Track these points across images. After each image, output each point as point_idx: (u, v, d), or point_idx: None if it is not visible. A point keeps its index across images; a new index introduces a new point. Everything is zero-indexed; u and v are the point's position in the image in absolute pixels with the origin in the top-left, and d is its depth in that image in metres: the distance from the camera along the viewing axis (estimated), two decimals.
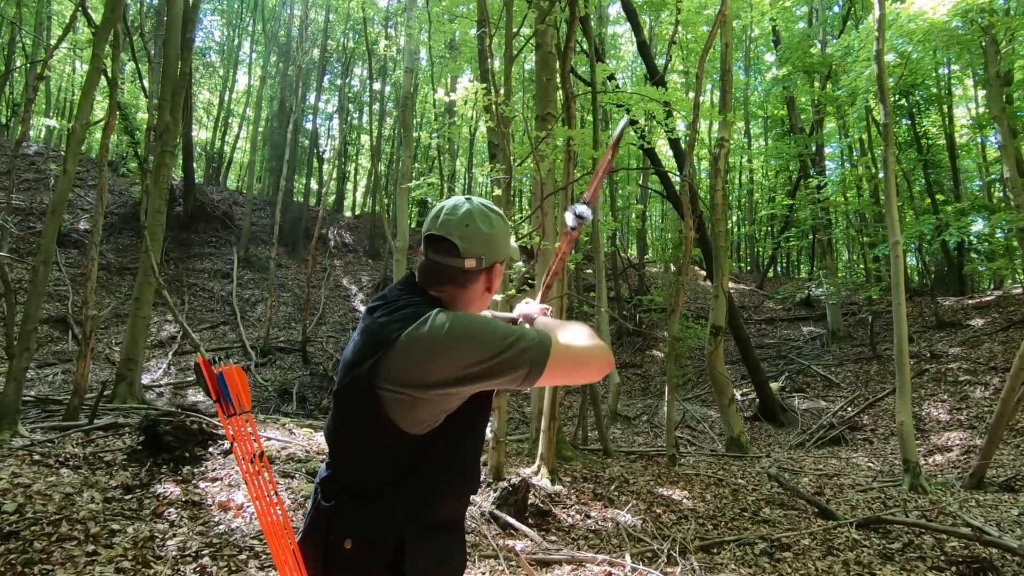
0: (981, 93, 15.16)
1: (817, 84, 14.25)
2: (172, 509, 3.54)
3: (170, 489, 3.82)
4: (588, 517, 4.42)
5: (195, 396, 9.99)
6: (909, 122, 15.61)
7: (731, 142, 9.80)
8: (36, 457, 4.16)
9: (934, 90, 15.35)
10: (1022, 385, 5.66)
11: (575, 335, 1.17)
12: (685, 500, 5.11)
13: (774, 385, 10.89)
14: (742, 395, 11.00)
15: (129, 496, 3.68)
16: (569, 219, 1.48)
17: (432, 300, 1.16)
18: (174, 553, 2.99)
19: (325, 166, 23.35)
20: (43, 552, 2.82)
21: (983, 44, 10.75)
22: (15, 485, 3.52)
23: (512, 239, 1.30)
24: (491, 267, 1.20)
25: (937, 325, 11.90)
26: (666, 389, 7.03)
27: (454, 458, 1.13)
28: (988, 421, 6.90)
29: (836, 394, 10.62)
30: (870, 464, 7.46)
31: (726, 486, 5.68)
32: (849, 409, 9.76)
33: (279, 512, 1.22)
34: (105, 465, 4.19)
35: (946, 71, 15.59)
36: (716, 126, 13.89)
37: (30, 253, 12.05)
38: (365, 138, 24.19)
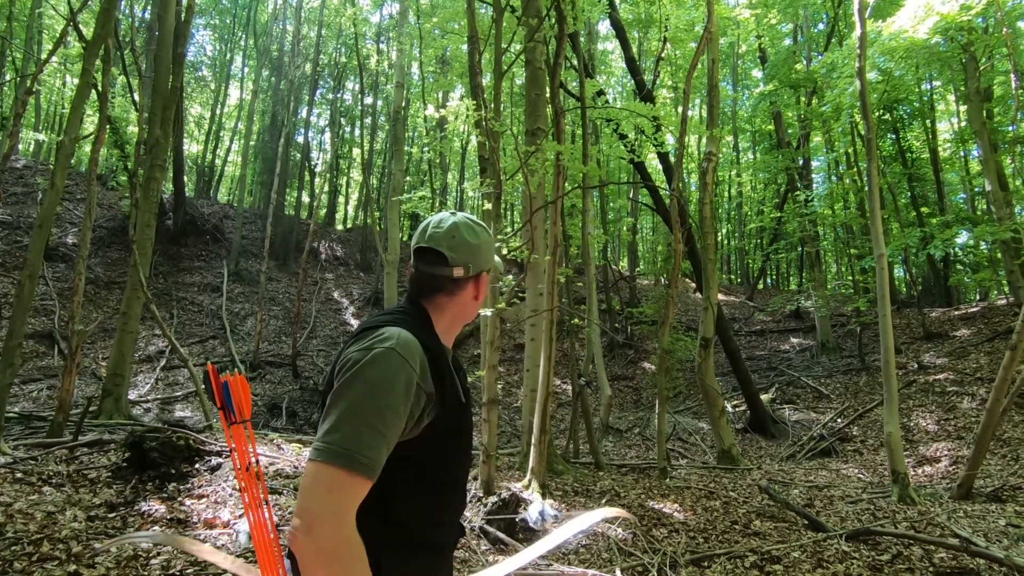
0: (963, 108, 15.49)
1: (803, 99, 14.50)
2: (157, 527, 3.49)
3: (155, 507, 3.77)
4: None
5: (183, 412, 9.89)
6: (893, 136, 15.89)
7: (719, 156, 9.93)
8: (18, 475, 4.09)
9: (917, 105, 15.66)
10: (1007, 396, 5.72)
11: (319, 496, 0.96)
12: (676, 513, 5.10)
13: (764, 397, 10.93)
14: (733, 407, 11.02)
15: (113, 514, 3.63)
16: None
17: (411, 313, 1.18)
18: (158, 572, 2.95)
19: (316, 179, 23.37)
20: (23, 573, 2.77)
21: (963, 61, 11.02)
22: None
23: (494, 254, 1.30)
24: (478, 275, 1.25)
25: (924, 336, 12.02)
26: (657, 402, 7.05)
27: (429, 482, 1.11)
28: (975, 432, 6.96)
29: (826, 405, 10.67)
30: (860, 475, 7.49)
31: (717, 499, 5.68)
32: (839, 420, 9.81)
33: (268, 520, 1.23)
34: (89, 483, 4.13)
35: (928, 87, 15.92)
36: (704, 140, 14.10)
37: (16, 267, 11.93)
38: (356, 152, 24.29)
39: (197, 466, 4.50)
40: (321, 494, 0.96)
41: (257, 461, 1.31)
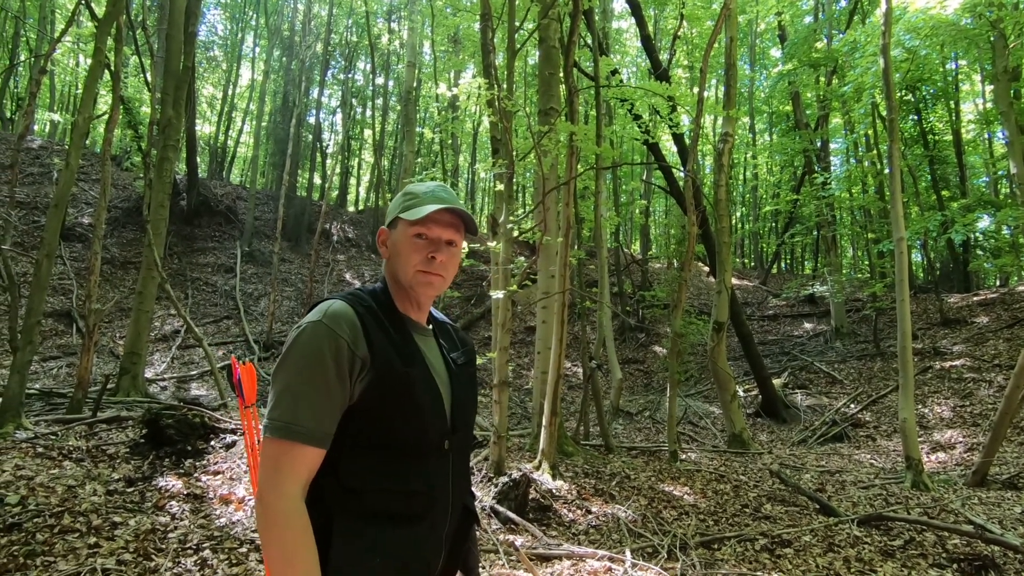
0: (988, 88, 15.05)
1: (823, 79, 14.15)
2: (174, 502, 3.56)
3: (172, 482, 3.83)
4: (589, 512, 4.43)
5: (198, 390, 10.04)
6: (915, 118, 15.48)
7: (735, 137, 9.75)
8: (39, 450, 4.18)
9: (941, 85, 15.22)
10: None
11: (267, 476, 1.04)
12: (686, 496, 5.11)
13: (777, 381, 10.86)
14: (744, 391, 10.97)
15: (131, 489, 3.70)
16: None
17: (370, 287, 1.25)
18: (175, 546, 3.01)
19: (328, 161, 23.34)
20: (45, 544, 2.83)
21: (991, 39, 10.64)
22: (18, 477, 3.54)
23: (406, 204, 1.23)
24: (390, 232, 1.27)
25: (942, 322, 11.84)
26: (668, 385, 7.03)
27: (372, 447, 1.09)
28: (992, 419, 6.88)
29: (839, 391, 10.59)
30: (872, 461, 7.44)
31: (727, 482, 5.68)
32: (852, 406, 9.73)
33: None
34: (108, 458, 4.21)
35: (953, 66, 15.46)
36: (720, 121, 13.83)
37: (34, 247, 12.10)
38: (368, 133, 24.16)
39: (212, 443, 4.57)
40: (266, 466, 1.04)
41: (260, 441, 1.34)
